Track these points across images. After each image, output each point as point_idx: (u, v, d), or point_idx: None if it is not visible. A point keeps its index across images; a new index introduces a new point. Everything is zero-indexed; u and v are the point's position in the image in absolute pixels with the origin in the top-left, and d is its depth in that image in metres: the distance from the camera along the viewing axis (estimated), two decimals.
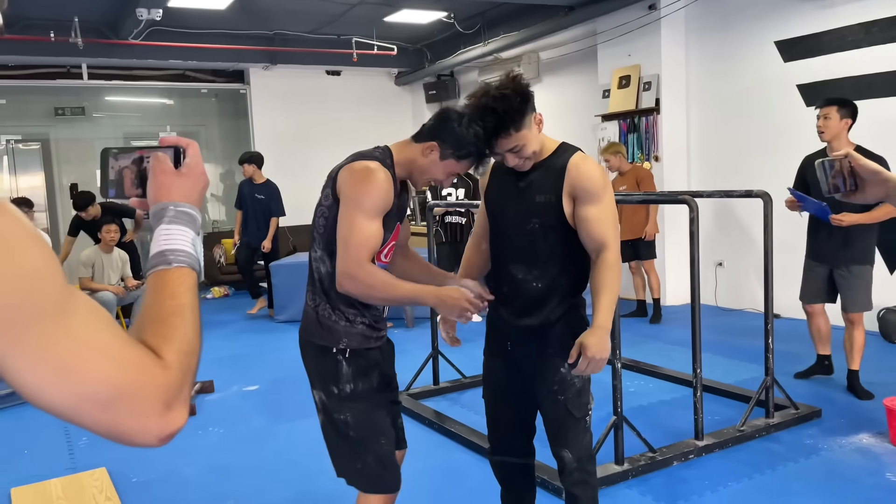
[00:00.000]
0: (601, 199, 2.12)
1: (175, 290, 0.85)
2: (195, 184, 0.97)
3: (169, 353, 0.77)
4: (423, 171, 2.10)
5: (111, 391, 0.71)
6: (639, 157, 7.18)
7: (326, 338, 2.09)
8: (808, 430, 3.71)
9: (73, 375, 0.69)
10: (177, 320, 0.81)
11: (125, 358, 0.73)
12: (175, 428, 0.76)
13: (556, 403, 2.19)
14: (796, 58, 6.00)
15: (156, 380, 0.74)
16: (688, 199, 3.34)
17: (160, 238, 0.90)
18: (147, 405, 0.73)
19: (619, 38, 7.26)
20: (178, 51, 8.48)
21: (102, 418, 0.72)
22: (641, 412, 4.02)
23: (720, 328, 5.98)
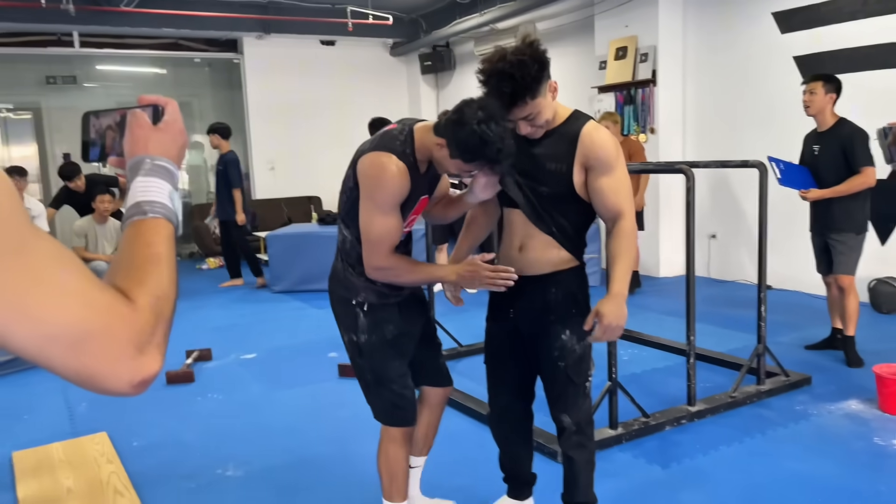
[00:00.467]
0: (615, 169, 2.11)
1: (150, 240, 0.84)
2: (173, 139, 0.97)
3: (141, 296, 0.76)
4: (438, 163, 2.14)
5: (77, 331, 0.69)
6: (634, 129, 7.18)
7: (349, 290, 2.27)
8: (799, 397, 3.78)
9: (36, 313, 0.67)
10: (150, 267, 0.80)
11: (93, 298, 0.71)
12: (148, 373, 0.74)
13: (557, 369, 2.22)
14: (793, 29, 5.99)
15: (126, 321, 0.72)
16: (684, 169, 3.36)
17: (137, 190, 0.89)
18: (117, 347, 0.71)
19: (617, 9, 7.21)
20: (171, 18, 8.39)
21: (70, 360, 0.70)
22: (635, 379, 4.08)
23: (713, 299, 6.04)
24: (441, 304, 4.93)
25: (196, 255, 9.79)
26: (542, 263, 2.22)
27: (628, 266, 2.09)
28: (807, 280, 6.02)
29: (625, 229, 2.11)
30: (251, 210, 7.79)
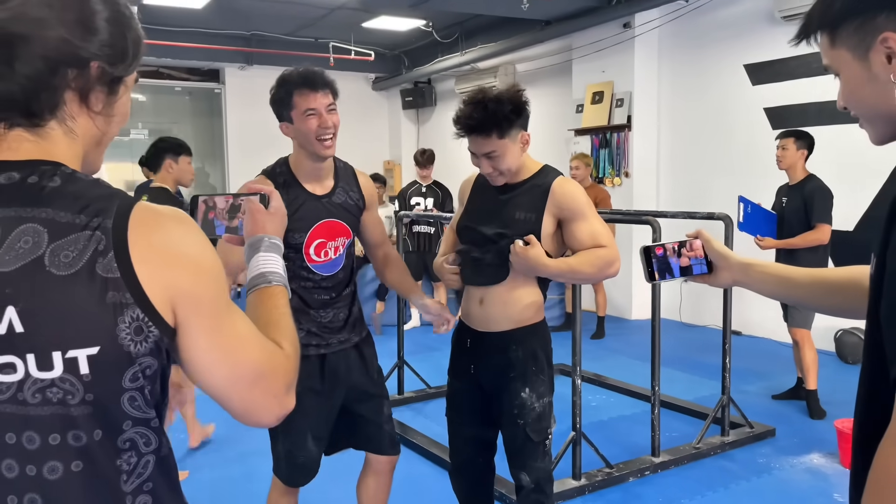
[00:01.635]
0: (588, 216, 2.15)
1: (277, 302, 1.07)
2: (280, 222, 1.24)
3: (287, 345, 0.98)
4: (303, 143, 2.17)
5: (257, 372, 0.91)
6: (609, 173, 7.28)
7: None
8: (762, 449, 3.80)
9: (235, 356, 0.90)
10: (284, 321, 1.03)
11: (265, 345, 0.94)
12: (290, 408, 0.96)
13: (516, 426, 2.21)
14: (764, 81, 6.15)
15: (284, 364, 0.95)
16: (651, 221, 3.41)
17: (259, 262, 1.14)
18: (277, 386, 0.93)
19: (594, 55, 7.36)
20: (153, 48, 8.39)
21: (246, 395, 0.91)
22: (601, 427, 4.08)
23: (683, 344, 6.08)
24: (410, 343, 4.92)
25: None
26: (502, 320, 2.21)
27: (577, 264, 2.10)
28: (775, 327, 6.08)
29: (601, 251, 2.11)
30: None
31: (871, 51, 0.90)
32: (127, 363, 0.83)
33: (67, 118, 0.89)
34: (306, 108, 2.11)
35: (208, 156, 10.35)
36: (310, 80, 2.13)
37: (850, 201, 5.25)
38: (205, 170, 10.42)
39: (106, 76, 0.90)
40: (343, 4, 7.25)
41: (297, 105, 2.12)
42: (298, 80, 2.13)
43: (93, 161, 0.96)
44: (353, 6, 7.34)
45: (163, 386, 0.92)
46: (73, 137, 0.90)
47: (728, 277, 1.41)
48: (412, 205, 6.63)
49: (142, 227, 0.84)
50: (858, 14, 0.90)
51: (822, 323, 4.57)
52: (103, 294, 0.81)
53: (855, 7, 0.90)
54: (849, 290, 1.25)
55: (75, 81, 0.87)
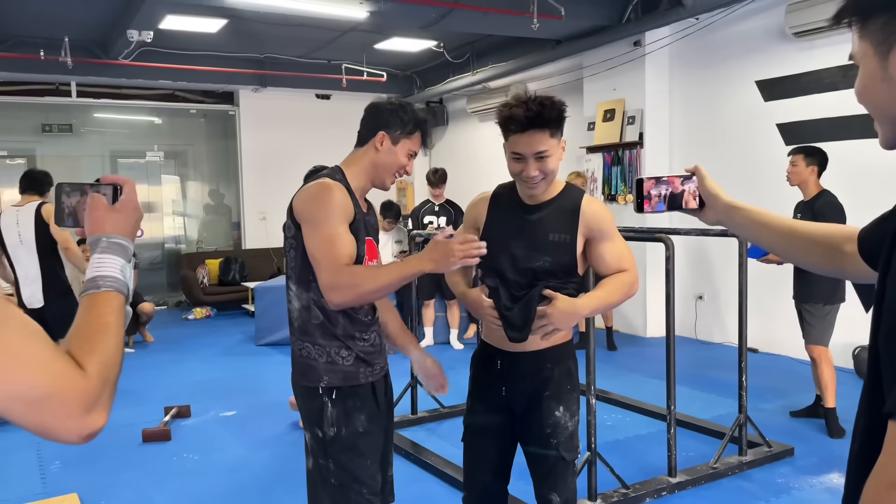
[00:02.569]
0: (614, 235, 2.17)
1: (101, 311, 0.98)
2: (128, 217, 1.11)
3: (90, 364, 0.89)
4: (385, 165, 2.08)
5: (37, 393, 0.83)
6: (622, 190, 7.27)
7: (310, 376, 2.00)
8: (781, 469, 3.74)
9: (6, 376, 0.81)
10: (100, 336, 0.94)
11: (51, 366, 0.85)
12: (95, 428, 0.88)
13: (549, 447, 2.17)
14: (776, 97, 6.13)
15: (76, 386, 0.86)
16: (664, 238, 3.40)
17: (93, 266, 1.04)
18: (68, 408, 0.85)
19: (605, 73, 7.38)
20: (168, 72, 8.52)
21: (30, 416, 0.84)
22: (617, 446, 4.04)
23: (699, 362, 6.03)
24: None
25: (183, 304, 9.74)
26: (537, 339, 2.13)
27: (606, 295, 2.11)
28: (792, 345, 6.02)
29: (625, 276, 2.13)
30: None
31: (892, 52, 0.88)
32: None
33: None
34: (414, 150, 2.11)
35: (223, 177, 10.45)
36: (427, 134, 2.15)
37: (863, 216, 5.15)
38: (219, 191, 10.51)
39: None
40: (355, 26, 7.33)
41: (413, 142, 2.10)
42: (425, 126, 2.13)
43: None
44: (366, 28, 7.42)
45: None
46: None
47: (713, 216, 1.45)
48: (425, 223, 6.65)
49: None
50: (888, 10, 0.88)
51: (840, 340, 4.51)
52: None
53: (887, 2, 0.88)
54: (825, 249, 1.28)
55: None
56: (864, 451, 0.87)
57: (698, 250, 6.93)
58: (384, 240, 6.88)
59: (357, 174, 2.07)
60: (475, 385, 2.29)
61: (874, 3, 0.90)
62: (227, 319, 8.62)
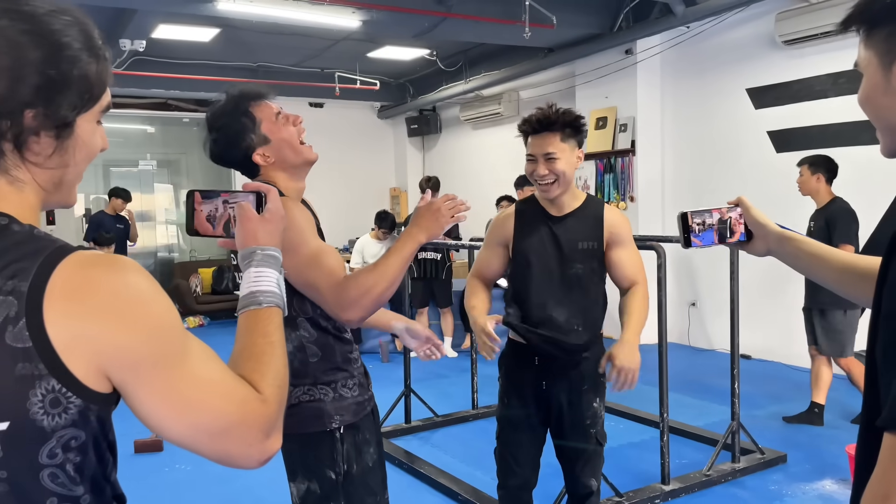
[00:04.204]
0: (631, 243, 2.39)
1: (266, 329, 0.97)
2: (276, 227, 1.09)
3: (266, 387, 0.89)
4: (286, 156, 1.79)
5: (223, 424, 0.83)
6: (614, 198, 7.29)
7: (318, 422, 1.75)
8: (774, 476, 3.75)
9: (193, 411, 0.82)
10: (269, 358, 0.93)
11: (233, 394, 0.85)
12: (272, 452, 0.89)
13: (588, 436, 2.36)
14: (767, 105, 6.17)
15: (258, 412, 0.86)
16: (655, 246, 3.41)
17: (250, 280, 1.02)
18: (251, 435, 0.86)
19: (597, 81, 7.41)
20: (161, 81, 8.52)
21: (215, 446, 0.84)
22: (610, 454, 3.99)
23: (691, 369, 6.03)
24: (416, 371, 4.91)
25: None
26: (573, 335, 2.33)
27: (640, 320, 2.30)
28: (784, 351, 6.04)
29: (642, 292, 2.35)
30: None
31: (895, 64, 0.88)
32: (41, 438, 0.76)
33: (11, 168, 0.82)
34: (274, 112, 1.79)
35: (216, 186, 10.42)
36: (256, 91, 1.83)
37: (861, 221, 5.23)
38: None
39: (50, 120, 0.82)
40: (348, 35, 7.35)
41: (264, 115, 1.77)
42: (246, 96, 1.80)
43: (60, 200, 0.91)
44: (358, 37, 7.43)
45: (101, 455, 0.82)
46: (21, 186, 0.83)
47: (763, 247, 1.41)
48: None
49: (62, 287, 0.76)
50: (893, 22, 0.88)
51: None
52: (12, 366, 0.74)
53: (892, 13, 0.88)
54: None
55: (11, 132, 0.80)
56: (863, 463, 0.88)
57: (690, 257, 6.95)
58: (378, 249, 6.88)
59: (281, 178, 1.79)
60: (511, 383, 2.44)
61: (880, 13, 0.90)
62: (220, 328, 8.59)
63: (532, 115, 2.30)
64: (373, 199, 10.39)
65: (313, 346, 1.78)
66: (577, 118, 2.28)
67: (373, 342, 6.87)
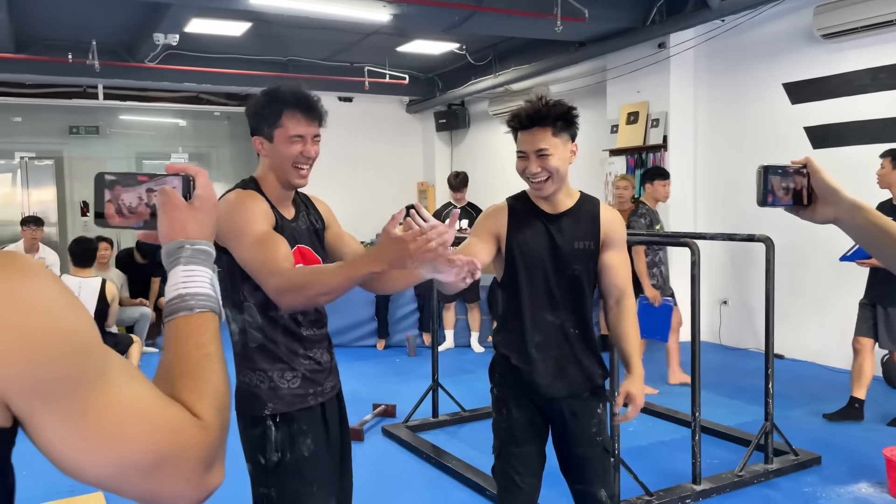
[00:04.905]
0: (623, 248, 2.26)
1: (199, 340, 0.80)
2: (208, 217, 0.90)
3: (205, 410, 0.74)
4: (277, 165, 1.89)
5: (154, 457, 0.68)
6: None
7: (253, 405, 1.86)
8: (807, 478, 3.68)
9: (117, 443, 0.66)
10: (206, 374, 0.78)
11: (166, 421, 0.70)
12: (213, 488, 0.74)
13: (595, 444, 2.23)
14: (804, 100, 6.05)
15: (196, 441, 0.72)
16: (689, 243, 3.36)
17: (178, 280, 0.84)
18: (188, 469, 0.71)
19: (629, 75, 7.33)
20: (193, 74, 8.61)
21: (144, 485, 0.69)
22: (640, 453, 4.00)
23: (723, 367, 5.95)
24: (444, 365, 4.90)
25: None
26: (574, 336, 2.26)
27: (639, 343, 2.22)
28: (819, 350, 5.93)
29: (631, 308, 2.23)
30: None
31: None
32: None
33: None
34: (295, 133, 1.87)
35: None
36: (306, 105, 1.88)
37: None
38: None
39: None
40: (378, 29, 7.35)
41: (286, 126, 1.87)
42: (293, 100, 1.87)
43: None
44: (388, 31, 7.43)
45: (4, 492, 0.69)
46: None
47: (831, 213, 1.28)
48: None
49: None
50: None
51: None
52: None
53: None
54: None
55: None
56: None
57: (723, 254, 6.85)
58: None
59: (267, 182, 1.93)
60: (505, 389, 2.26)
61: None
62: None
63: (521, 110, 2.13)
64: (400, 193, 10.40)
65: (255, 333, 1.87)
66: (569, 110, 2.11)
67: (400, 336, 6.89)
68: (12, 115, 9.19)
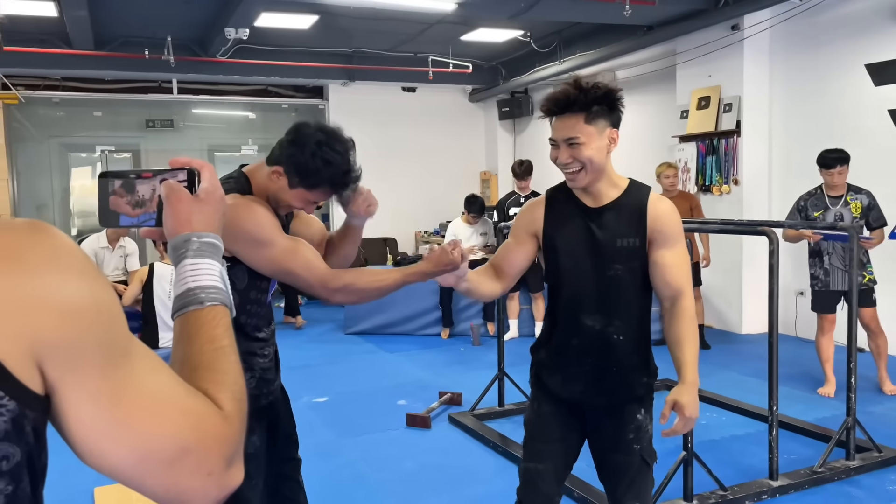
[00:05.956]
0: (679, 242, 2.02)
1: (212, 334, 0.78)
2: (214, 210, 0.88)
3: (226, 401, 0.71)
4: (276, 199, 1.92)
5: (179, 446, 0.65)
6: (717, 181, 7.01)
7: None
8: (892, 476, 3.52)
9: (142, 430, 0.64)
10: (224, 365, 0.76)
11: (190, 409, 0.67)
12: (233, 486, 0.70)
13: (632, 453, 2.05)
14: (888, 82, 5.75)
15: (220, 433, 0.69)
16: (767, 231, 3.25)
17: (187, 274, 0.82)
18: (211, 462, 0.68)
19: (700, 59, 7.11)
20: (262, 68, 8.79)
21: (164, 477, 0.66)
22: (713, 447, 3.90)
23: (799, 360, 5.74)
24: (510, 354, 4.88)
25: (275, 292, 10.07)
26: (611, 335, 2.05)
27: (697, 350, 1.98)
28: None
29: (688, 310, 2.00)
30: None
31: None
32: None
33: None
34: (314, 201, 1.94)
35: None
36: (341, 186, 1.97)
37: None
38: None
39: None
40: (442, 19, 7.34)
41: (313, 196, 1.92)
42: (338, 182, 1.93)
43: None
44: (453, 20, 7.42)
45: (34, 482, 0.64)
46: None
47: None
48: (510, 215, 6.61)
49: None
50: None
51: None
52: None
53: None
54: None
55: None
56: None
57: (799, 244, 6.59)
58: (468, 233, 6.88)
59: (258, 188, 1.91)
60: (542, 381, 2.14)
61: None
62: (317, 308, 8.83)
63: (553, 93, 1.94)
64: (463, 182, 10.40)
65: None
66: (609, 93, 1.90)
67: (464, 325, 6.91)
68: (93, 109, 9.59)
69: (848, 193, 4.65)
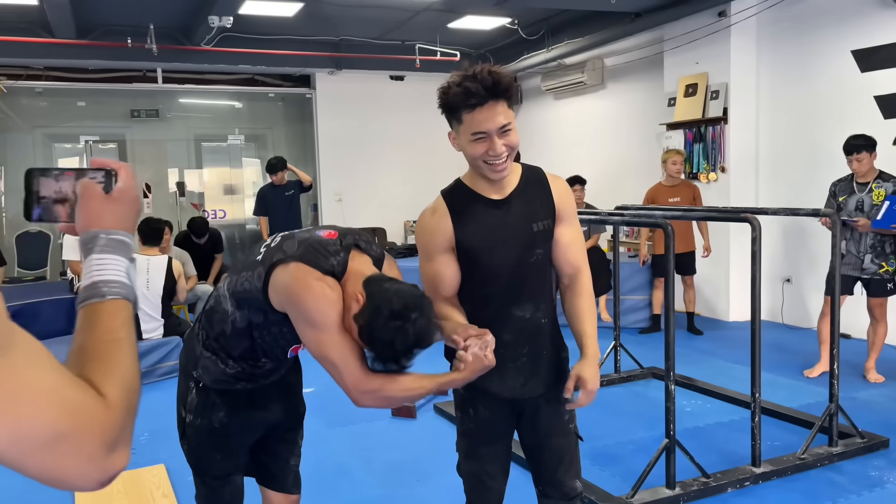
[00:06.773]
0: (574, 219, 2.03)
1: (111, 325, 0.81)
2: (127, 209, 0.93)
3: (110, 389, 0.74)
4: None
5: (52, 431, 0.68)
6: (704, 168, 7.00)
7: (189, 359, 2.03)
8: (874, 461, 3.54)
9: (15, 411, 0.66)
10: (116, 356, 0.78)
11: (68, 395, 0.70)
12: (116, 470, 0.73)
13: (568, 433, 2.08)
14: (874, 68, 5.75)
15: (99, 420, 0.71)
16: (750, 218, 3.24)
17: (93, 268, 0.86)
18: (90, 447, 0.70)
19: (687, 46, 7.09)
20: (248, 56, 8.71)
21: (39, 461, 0.68)
22: (697, 434, 3.92)
23: (784, 347, 5.77)
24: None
25: None
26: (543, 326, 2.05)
27: (595, 324, 1.99)
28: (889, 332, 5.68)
29: (587, 285, 2.02)
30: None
31: None
32: None
33: None
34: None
35: (300, 159, 10.64)
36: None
37: None
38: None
39: None
40: (429, 6, 7.29)
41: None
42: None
43: None
44: (439, 7, 7.36)
45: None
46: None
47: None
48: None
49: None
50: None
51: None
52: None
53: None
54: None
55: None
56: None
57: (786, 231, 6.61)
58: None
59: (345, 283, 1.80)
60: (471, 387, 1.97)
61: None
62: None
63: (469, 84, 1.79)
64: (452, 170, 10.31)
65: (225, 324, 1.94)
66: (508, 75, 1.85)
67: None
68: (77, 99, 9.49)
69: (875, 181, 4.61)
